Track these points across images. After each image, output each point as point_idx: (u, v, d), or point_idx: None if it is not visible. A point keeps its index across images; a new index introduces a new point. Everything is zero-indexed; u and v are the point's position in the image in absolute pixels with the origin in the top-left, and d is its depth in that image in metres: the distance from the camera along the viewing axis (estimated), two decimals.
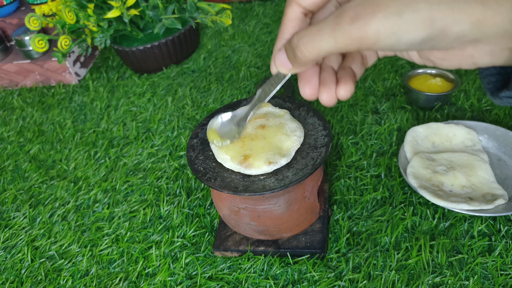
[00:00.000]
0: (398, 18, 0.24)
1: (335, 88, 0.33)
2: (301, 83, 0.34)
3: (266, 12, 1.25)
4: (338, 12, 0.26)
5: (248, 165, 0.48)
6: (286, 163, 0.49)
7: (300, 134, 0.52)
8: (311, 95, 0.34)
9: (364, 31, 0.25)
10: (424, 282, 0.52)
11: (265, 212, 0.53)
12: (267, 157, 0.48)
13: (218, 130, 0.48)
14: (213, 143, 0.49)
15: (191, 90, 0.97)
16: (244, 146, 0.50)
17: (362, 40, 0.25)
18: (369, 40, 0.25)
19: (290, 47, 0.30)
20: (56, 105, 1.02)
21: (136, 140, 0.85)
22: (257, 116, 0.54)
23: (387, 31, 0.24)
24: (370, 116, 0.79)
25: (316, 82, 0.33)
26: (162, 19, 0.97)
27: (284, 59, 0.31)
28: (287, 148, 0.50)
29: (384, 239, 0.57)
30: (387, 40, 0.25)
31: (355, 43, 0.25)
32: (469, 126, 0.69)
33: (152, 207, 0.69)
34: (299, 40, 0.28)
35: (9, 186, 0.81)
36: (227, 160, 0.50)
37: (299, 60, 0.29)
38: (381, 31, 0.24)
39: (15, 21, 1.16)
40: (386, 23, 0.24)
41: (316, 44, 0.27)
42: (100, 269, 0.62)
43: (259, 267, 0.57)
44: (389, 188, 0.65)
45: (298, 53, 0.29)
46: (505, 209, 0.55)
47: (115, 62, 1.16)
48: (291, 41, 0.29)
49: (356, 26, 0.25)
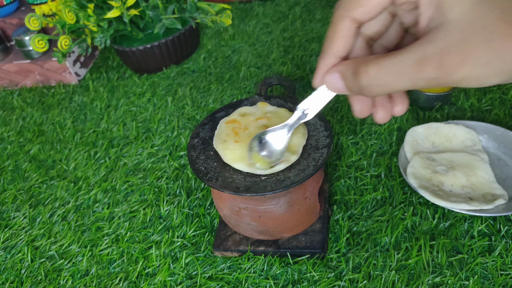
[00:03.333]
0: (486, 68, 0.23)
1: (389, 106, 0.32)
2: (354, 101, 0.33)
3: (266, 12, 1.25)
4: (419, 55, 0.25)
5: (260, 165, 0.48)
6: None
7: (304, 131, 0.52)
8: (362, 114, 0.33)
9: (448, 80, 0.24)
10: (424, 282, 0.52)
11: (266, 213, 0.53)
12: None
13: (259, 153, 0.47)
14: (254, 167, 0.48)
15: (191, 90, 0.97)
16: None
17: (443, 84, 0.25)
18: (450, 84, 0.25)
19: (353, 76, 0.28)
20: (56, 105, 1.02)
21: (136, 140, 0.85)
22: (258, 117, 0.54)
23: (472, 79, 0.24)
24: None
25: (369, 100, 0.33)
26: (162, 19, 0.97)
27: (337, 82, 0.30)
28: (294, 145, 0.50)
29: (384, 239, 0.57)
30: (468, 84, 0.25)
31: (434, 86, 0.25)
32: (469, 126, 0.69)
33: (152, 207, 0.69)
34: (370, 78, 0.27)
35: (9, 186, 0.81)
36: (236, 161, 0.49)
37: (363, 93, 0.28)
38: (465, 78, 0.24)
39: (15, 21, 1.16)
40: (473, 72, 0.24)
41: (390, 85, 0.26)
42: (100, 269, 0.62)
43: (259, 267, 0.57)
44: (389, 188, 0.65)
45: (365, 90, 0.27)
46: (505, 209, 0.55)
47: (115, 62, 1.16)
48: (355, 71, 0.27)
49: (441, 75, 0.24)
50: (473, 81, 0.24)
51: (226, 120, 0.55)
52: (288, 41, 1.09)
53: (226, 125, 0.54)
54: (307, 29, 1.12)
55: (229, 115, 0.56)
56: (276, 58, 1.02)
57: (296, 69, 0.97)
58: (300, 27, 1.14)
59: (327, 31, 0.30)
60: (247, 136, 0.51)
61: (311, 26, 1.13)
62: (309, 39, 1.08)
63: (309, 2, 1.26)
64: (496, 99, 0.77)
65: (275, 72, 0.97)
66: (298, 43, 1.07)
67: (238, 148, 0.50)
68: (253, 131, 0.52)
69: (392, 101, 0.32)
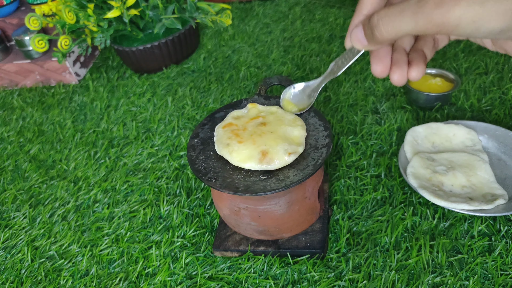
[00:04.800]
0: (480, 7, 0.25)
1: (406, 69, 0.34)
2: (374, 61, 0.35)
3: (266, 12, 1.25)
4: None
5: (270, 160, 0.48)
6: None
7: (302, 123, 0.53)
8: (382, 73, 0.35)
9: (446, 17, 0.26)
10: (424, 282, 0.52)
11: (265, 212, 0.53)
12: (284, 148, 0.49)
13: (291, 100, 0.52)
14: (290, 111, 0.54)
15: (191, 90, 0.97)
16: (255, 143, 0.50)
17: (443, 25, 0.26)
18: (450, 26, 0.26)
19: (369, 25, 0.31)
20: (56, 105, 1.02)
21: (136, 140, 0.85)
22: (252, 117, 0.54)
23: (468, 19, 0.25)
24: (370, 116, 0.79)
25: (388, 61, 0.35)
26: (162, 19, 0.97)
27: (360, 35, 0.32)
28: (297, 136, 0.51)
29: (384, 239, 0.57)
30: (466, 28, 0.26)
31: (435, 28, 0.27)
32: (469, 126, 0.69)
33: (152, 207, 0.69)
34: (379, 20, 0.29)
35: (9, 186, 0.81)
36: (245, 162, 0.49)
37: (376, 38, 0.30)
38: (462, 19, 0.25)
39: (15, 21, 1.16)
40: (468, 11, 0.25)
41: (396, 25, 0.28)
42: (100, 269, 0.62)
43: (259, 267, 0.57)
44: (389, 188, 0.65)
45: (376, 32, 0.30)
46: (505, 209, 0.55)
47: (115, 62, 1.16)
48: (370, 20, 0.30)
49: (439, 11, 0.26)
50: (471, 25, 0.26)
51: (222, 125, 0.55)
52: (288, 41, 1.09)
53: (224, 130, 0.54)
54: (307, 29, 1.12)
55: (222, 121, 0.56)
56: (276, 58, 1.02)
57: (296, 69, 0.97)
58: (300, 27, 1.14)
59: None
60: (249, 135, 0.51)
61: (311, 26, 1.13)
62: (309, 39, 1.08)
63: (309, 2, 1.26)
64: (496, 99, 0.77)
65: (275, 72, 0.97)
66: (298, 43, 1.07)
67: (244, 148, 0.50)
68: (253, 130, 0.52)
69: (410, 66, 0.34)
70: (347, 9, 1.18)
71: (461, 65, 0.88)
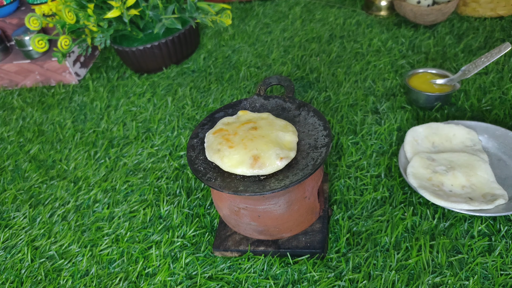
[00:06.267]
0: None
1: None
2: None
3: (266, 12, 1.25)
4: None
5: (261, 164, 0.48)
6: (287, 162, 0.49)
7: (293, 129, 0.53)
8: None
9: None
10: (424, 282, 0.52)
11: (265, 212, 0.53)
12: (276, 153, 0.48)
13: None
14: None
15: (191, 90, 0.97)
16: (246, 148, 0.50)
17: None
18: None
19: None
20: (56, 105, 1.02)
21: (136, 140, 0.85)
22: (243, 122, 0.54)
23: None
24: (370, 116, 0.79)
25: None
26: (162, 19, 0.97)
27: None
28: (289, 141, 0.51)
29: (384, 239, 0.57)
30: None
31: None
32: (469, 126, 0.69)
33: (152, 207, 0.69)
34: None
35: (9, 186, 0.81)
36: (237, 167, 0.49)
37: None
38: None
39: (15, 21, 1.16)
40: None
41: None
42: (100, 269, 0.62)
43: (259, 267, 0.57)
44: (389, 188, 0.65)
45: None
46: (505, 209, 0.55)
47: (115, 62, 1.16)
48: None
49: None
50: None
51: (212, 131, 0.54)
52: (288, 41, 1.09)
53: (215, 135, 0.53)
54: (307, 29, 1.12)
55: (212, 128, 0.56)
56: (276, 58, 1.02)
57: (296, 69, 0.97)
58: (300, 27, 1.14)
59: None
60: (240, 140, 0.51)
61: (311, 26, 1.13)
62: (309, 39, 1.08)
63: (309, 2, 1.26)
64: (496, 99, 0.77)
65: (275, 72, 0.97)
66: (298, 43, 1.07)
67: (235, 153, 0.49)
68: (244, 135, 0.51)
69: None
70: (347, 9, 1.18)
71: (461, 65, 0.88)
